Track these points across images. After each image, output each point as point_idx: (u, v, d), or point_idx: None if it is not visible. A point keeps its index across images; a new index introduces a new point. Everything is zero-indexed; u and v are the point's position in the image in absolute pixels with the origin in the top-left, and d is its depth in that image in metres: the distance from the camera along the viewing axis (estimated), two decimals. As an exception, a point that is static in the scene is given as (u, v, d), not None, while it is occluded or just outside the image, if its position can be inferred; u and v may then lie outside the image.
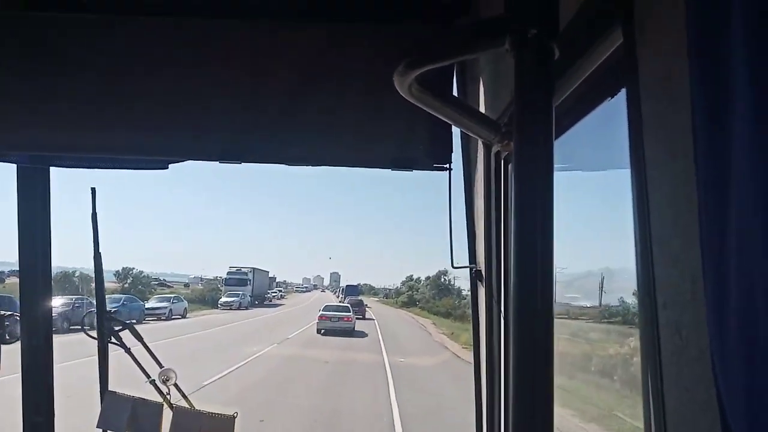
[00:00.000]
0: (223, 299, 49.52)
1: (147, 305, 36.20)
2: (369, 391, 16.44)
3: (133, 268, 53.82)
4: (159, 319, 34.92)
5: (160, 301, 38.92)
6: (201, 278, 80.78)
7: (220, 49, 2.32)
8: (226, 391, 14.40)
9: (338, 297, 76.86)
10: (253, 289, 54.89)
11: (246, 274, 54.90)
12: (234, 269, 55.66)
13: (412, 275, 78.51)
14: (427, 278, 70.25)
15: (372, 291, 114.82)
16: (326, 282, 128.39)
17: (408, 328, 42.24)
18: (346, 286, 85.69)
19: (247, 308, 49.17)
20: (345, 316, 32.64)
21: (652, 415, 1.18)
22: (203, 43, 2.32)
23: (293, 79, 2.31)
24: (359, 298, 60.96)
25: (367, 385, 17.20)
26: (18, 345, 2.65)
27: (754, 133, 0.71)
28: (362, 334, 31.95)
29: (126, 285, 50.23)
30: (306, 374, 18.31)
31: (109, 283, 47.35)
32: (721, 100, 0.79)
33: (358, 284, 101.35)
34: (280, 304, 65.74)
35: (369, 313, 49.37)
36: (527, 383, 1.10)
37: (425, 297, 65.11)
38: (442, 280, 64.49)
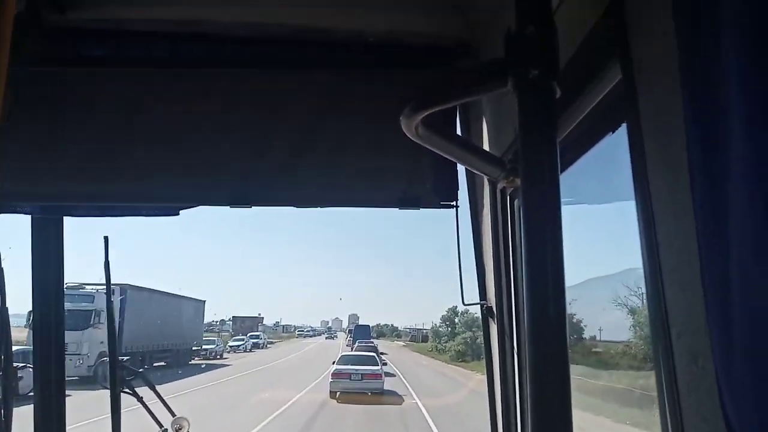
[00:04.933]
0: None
1: None
2: None
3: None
4: None
5: None
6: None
7: (227, 97, 2.38)
8: None
9: (347, 341, 56.98)
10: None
11: (90, 298, 22.56)
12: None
13: (455, 307, 50.69)
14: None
15: (395, 333, 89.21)
16: (345, 324, 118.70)
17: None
18: (355, 327, 61.48)
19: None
20: (371, 371, 22.40)
21: None
22: (210, 91, 2.39)
23: (301, 124, 2.36)
24: (372, 342, 44.06)
25: None
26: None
27: (750, 165, 0.72)
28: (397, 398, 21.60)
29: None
30: None
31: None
32: (715, 134, 0.81)
33: (376, 325, 74.77)
34: (204, 368, 32.22)
35: (389, 369, 30.26)
36: (546, 422, 1.09)
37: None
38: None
